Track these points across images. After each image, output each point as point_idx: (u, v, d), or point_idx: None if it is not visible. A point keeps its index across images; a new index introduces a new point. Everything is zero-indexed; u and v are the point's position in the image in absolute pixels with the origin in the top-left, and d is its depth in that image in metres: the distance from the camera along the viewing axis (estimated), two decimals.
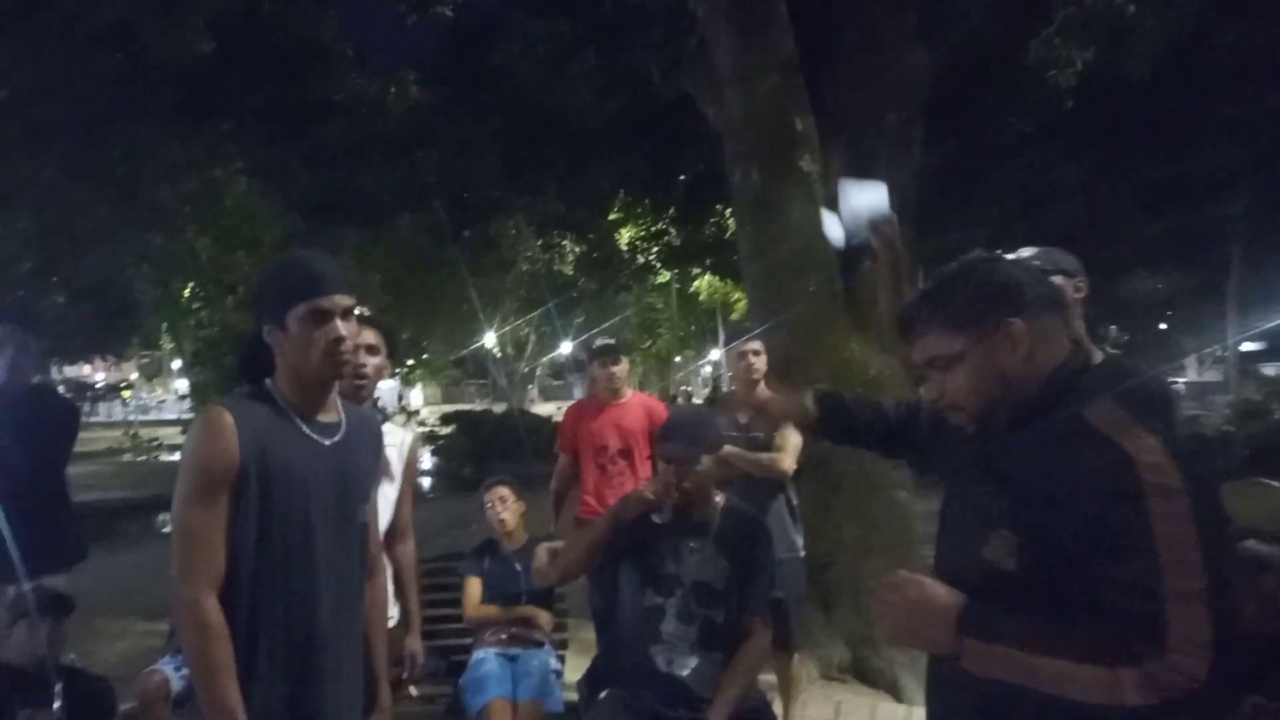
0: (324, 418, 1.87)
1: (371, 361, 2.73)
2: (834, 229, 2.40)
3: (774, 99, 5.16)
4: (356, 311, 1.86)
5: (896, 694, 4.61)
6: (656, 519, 2.69)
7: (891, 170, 5.38)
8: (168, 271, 13.91)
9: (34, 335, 2.90)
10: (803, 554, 4.05)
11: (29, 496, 3.10)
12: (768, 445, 3.92)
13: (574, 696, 4.12)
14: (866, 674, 4.81)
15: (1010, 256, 1.84)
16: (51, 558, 3.15)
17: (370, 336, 2.74)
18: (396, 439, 2.83)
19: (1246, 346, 24.70)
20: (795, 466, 3.92)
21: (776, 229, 5.13)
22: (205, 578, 1.68)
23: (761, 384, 3.67)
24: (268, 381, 1.84)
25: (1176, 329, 26.47)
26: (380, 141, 9.70)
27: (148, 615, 6.25)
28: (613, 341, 4.56)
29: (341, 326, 1.77)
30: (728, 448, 3.55)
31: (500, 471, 4.94)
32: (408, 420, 18.76)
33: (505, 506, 3.79)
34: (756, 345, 3.95)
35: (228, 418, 1.71)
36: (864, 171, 5.41)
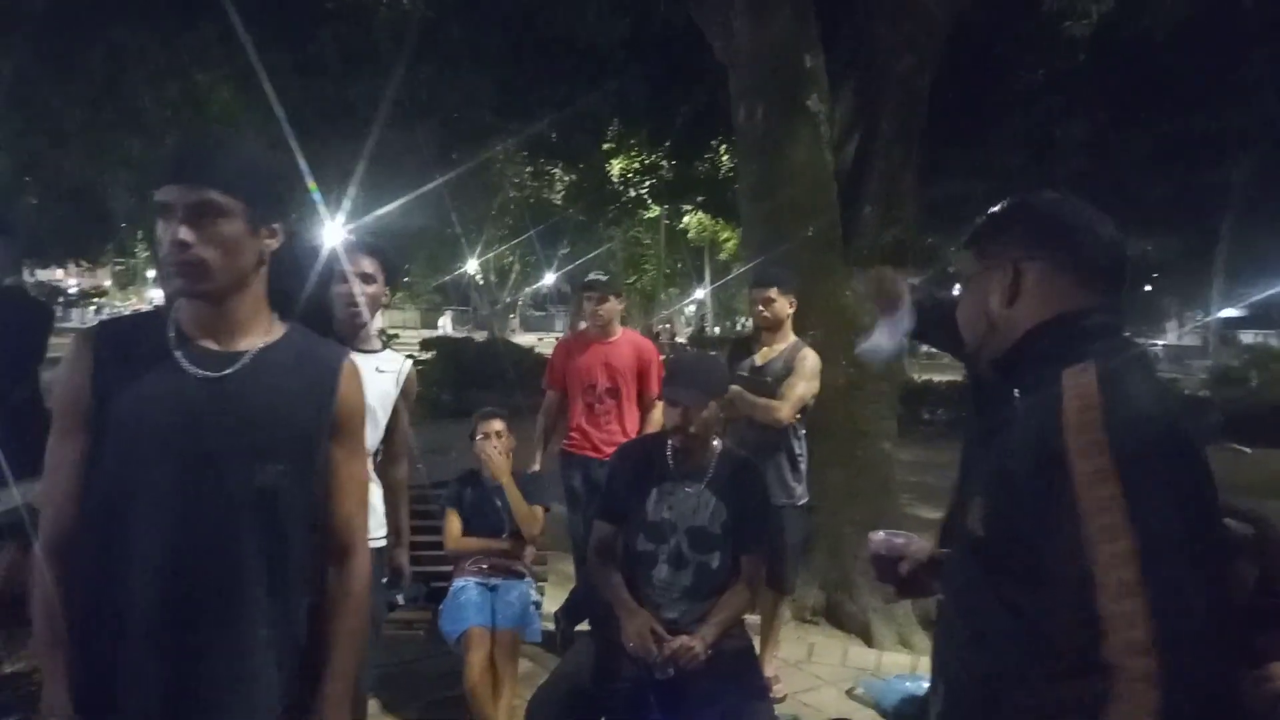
0: (219, 344, 1.45)
1: (367, 290, 2.70)
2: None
3: (785, 34, 5.00)
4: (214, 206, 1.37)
5: (868, 638, 4.68)
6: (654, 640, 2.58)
7: (899, 115, 5.27)
8: (146, 178, 13.57)
9: (7, 237, 2.76)
10: (802, 503, 4.02)
11: None
12: (778, 386, 3.88)
13: (552, 627, 4.17)
14: (839, 618, 4.88)
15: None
16: (22, 463, 3.07)
17: (367, 264, 2.71)
18: (395, 364, 2.84)
19: (1228, 313, 24.90)
20: (794, 418, 3.87)
21: (780, 169, 5.02)
22: (45, 529, 1.40)
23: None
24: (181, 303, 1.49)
25: (1161, 291, 26.65)
26: (372, 53, 9.38)
27: None
28: (605, 276, 4.47)
29: (183, 230, 1.35)
30: (732, 387, 3.54)
31: (481, 400, 4.89)
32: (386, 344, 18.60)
33: (498, 440, 3.74)
34: (771, 292, 3.91)
35: (87, 343, 1.43)
36: (871, 114, 5.31)
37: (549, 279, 31.35)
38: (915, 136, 5.34)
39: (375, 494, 2.69)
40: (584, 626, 3.84)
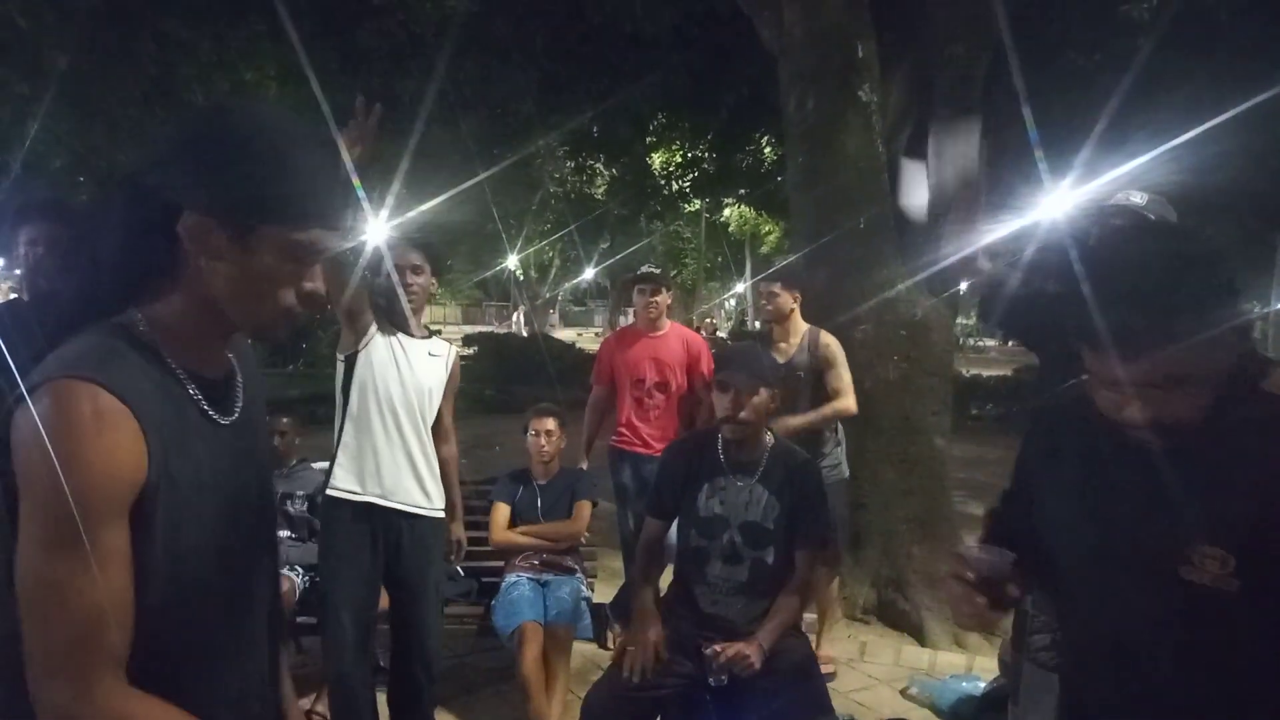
0: (213, 372, 1.18)
1: (418, 281, 2.95)
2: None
3: (837, 21, 4.91)
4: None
5: (920, 638, 4.60)
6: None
7: (951, 104, 5.15)
8: None
9: (66, 230, 2.76)
10: (846, 474, 4.11)
11: None
12: (813, 381, 3.94)
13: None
14: (891, 616, 4.79)
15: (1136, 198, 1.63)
16: None
17: (415, 257, 2.96)
18: (444, 350, 3.09)
19: None
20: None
21: (830, 159, 4.94)
22: (107, 659, 1.01)
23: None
24: (137, 314, 1.09)
25: None
26: (417, 48, 9.41)
27: None
28: (657, 270, 4.46)
29: (320, 278, 1.15)
30: (796, 419, 3.74)
31: (523, 396, 4.90)
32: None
33: (550, 439, 3.72)
34: (775, 287, 3.92)
35: (125, 411, 1.00)
36: (924, 104, 5.19)
37: (589, 274, 31.36)
38: (972, 123, 5.22)
39: (428, 468, 2.95)
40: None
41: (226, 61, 9.80)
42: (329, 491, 2.85)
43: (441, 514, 3.03)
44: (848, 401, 3.91)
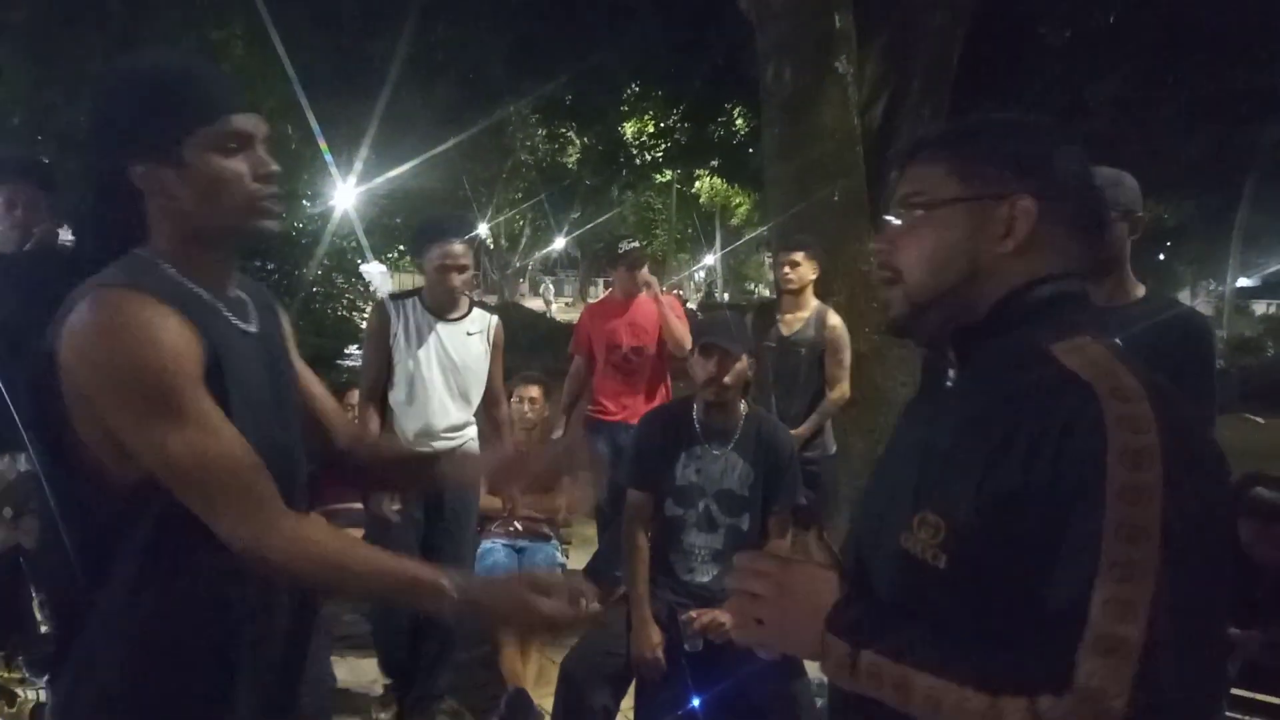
0: (228, 290, 1.29)
1: (463, 278, 3.16)
2: None
3: None
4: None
5: None
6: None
7: (929, 73, 5.17)
8: None
9: (50, 193, 2.72)
10: (833, 452, 4.15)
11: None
12: (811, 360, 3.95)
13: None
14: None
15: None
16: None
17: (459, 251, 3.13)
18: (486, 322, 3.27)
19: (1242, 282, 24.68)
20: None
21: (807, 130, 4.94)
22: (270, 493, 1.15)
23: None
24: (143, 253, 1.21)
25: (1176, 258, 26.35)
26: (389, 9, 9.25)
27: None
28: (638, 244, 4.47)
29: (268, 156, 1.24)
30: (804, 427, 3.80)
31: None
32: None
33: (534, 406, 3.72)
34: (797, 255, 3.89)
35: (166, 308, 1.13)
36: (900, 72, 5.21)
37: (559, 243, 31.18)
38: (945, 95, 5.25)
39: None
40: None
41: (192, 20, 9.56)
42: None
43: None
44: (844, 390, 3.95)
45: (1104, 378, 0.92)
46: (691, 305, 25.46)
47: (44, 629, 3.10)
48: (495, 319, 3.31)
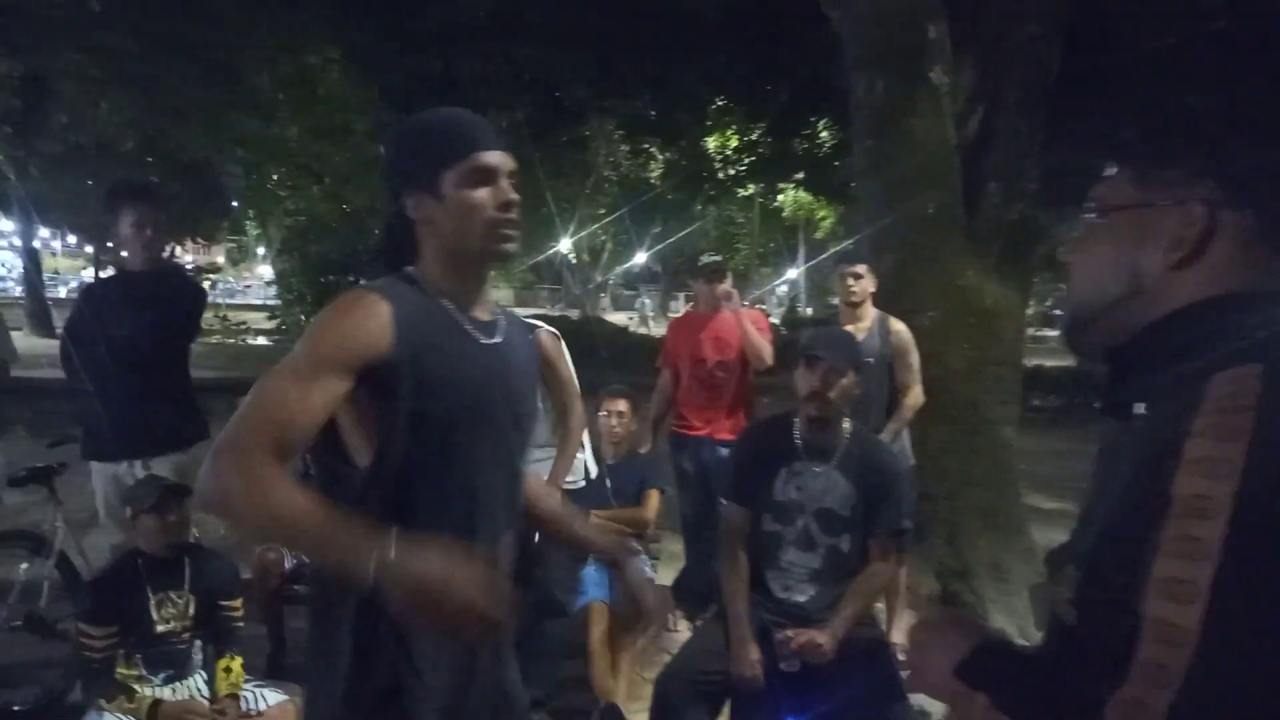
0: (481, 314, 1.53)
1: None
2: None
3: (906, 2, 4.81)
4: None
5: None
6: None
7: (1023, 86, 5.02)
8: (259, 157, 14.06)
9: (160, 213, 2.88)
10: (912, 461, 4.09)
11: (160, 375, 3.16)
12: (880, 366, 3.92)
13: None
14: (955, 607, 4.73)
15: None
16: (179, 435, 3.21)
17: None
18: (546, 337, 3.31)
19: None
20: None
21: (899, 143, 4.85)
22: (272, 445, 1.26)
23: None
24: (410, 270, 1.49)
25: None
26: (474, 31, 9.47)
27: None
28: (719, 258, 4.50)
29: (509, 188, 1.45)
30: (881, 436, 3.70)
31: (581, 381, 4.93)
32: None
33: (621, 420, 3.74)
34: (860, 269, 3.86)
35: (384, 304, 1.37)
36: (995, 85, 5.07)
37: (640, 258, 31.31)
38: (1040, 109, 5.09)
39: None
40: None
41: (286, 45, 9.97)
42: None
43: (582, 483, 3.53)
44: (918, 392, 3.92)
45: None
46: (775, 320, 25.27)
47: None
48: (543, 331, 3.30)
